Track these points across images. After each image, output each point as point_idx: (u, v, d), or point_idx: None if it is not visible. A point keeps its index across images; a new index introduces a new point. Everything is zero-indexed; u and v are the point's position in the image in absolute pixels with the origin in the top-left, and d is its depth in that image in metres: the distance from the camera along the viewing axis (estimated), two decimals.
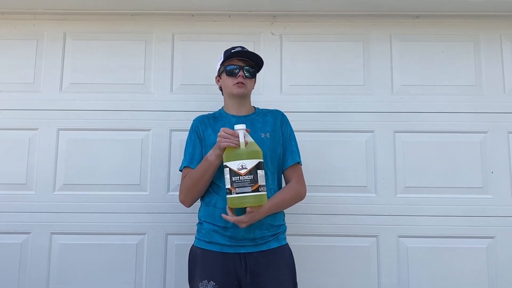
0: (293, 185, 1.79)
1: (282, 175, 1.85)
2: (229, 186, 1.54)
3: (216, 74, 1.89)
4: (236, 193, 1.52)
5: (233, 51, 1.78)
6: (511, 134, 2.32)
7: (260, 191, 1.53)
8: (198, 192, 1.74)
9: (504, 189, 2.28)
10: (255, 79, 1.87)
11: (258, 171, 1.53)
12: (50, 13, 2.40)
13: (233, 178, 1.52)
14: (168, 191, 2.29)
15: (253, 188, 1.52)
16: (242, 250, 1.68)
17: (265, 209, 1.64)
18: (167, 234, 2.26)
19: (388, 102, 2.36)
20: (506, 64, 2.38)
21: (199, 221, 1.80)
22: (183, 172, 1.80)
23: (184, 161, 1.80)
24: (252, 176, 1.51)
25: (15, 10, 2.39)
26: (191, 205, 1.79)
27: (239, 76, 1.77)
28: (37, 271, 2.23)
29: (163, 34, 2.42)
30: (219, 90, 1.93)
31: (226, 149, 1.57)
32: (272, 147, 1.77)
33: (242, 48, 1.82)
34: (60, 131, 2.33)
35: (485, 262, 2.23)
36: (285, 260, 1.73)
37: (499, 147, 2.31)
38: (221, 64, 1.82)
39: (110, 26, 2.42)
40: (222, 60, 1.82)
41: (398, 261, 2.25)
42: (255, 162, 1.53)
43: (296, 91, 2.38)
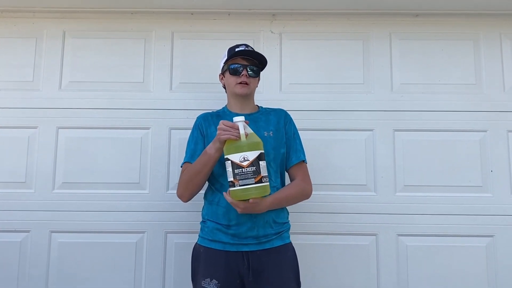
0: (298, 182, 1.79)
1: (285, 174, 1.85)
2: (232, 179, 1.53)
3: (220, 72, 1.89)
4: (240, 186, 1.51)
5: (237, 50, 1.78)
6: (510, 132, 2.32)
7: (263, 182, 1.53)
8: (197, 186, 1.73)
9: (503, 188, 2.28)
10: (259, 78, 1.87)
11: (260, 162, 1.53)
12: (49, 11, 2.40)
13: (236, 170, 1.51)
14: (167, 189, 2.29)
15: (256, 180, 1.51)
16: (245, 249, 1.67)
17: (267, 203, 1.63)
18: (167, 232, 2.26)
19: (388, 100, 2.36)
20: (506, 63, 2.38)
21: (203, 220, 1.80)
22: (183, 167, 1.80)
23: (185, 157, 1.80)
24: (254, 167, 1.51)
25: (14, 8, 2.39)
26: (189, 200, 1.77)
27: (242, 75, 1.77)
28: (37, 269, 2.23)
29: (163, 33, 2.42)
30: (221, 88, 1.93)
31: (226, 142, 1.56)
32: (275, 145, 1.77)
33: (246, 46, 1.82)
34: (60, 130, 2.33)
35: (485, 261, 2.24)
36: (289, 259, 1.73)
37: (498, 145, 2.31)
38: (225, 63, 1.82)
39: (110, 24, 2.42)
40: (225, 58, 1.82)
41: (398, 260, 2.25)
42: (256, 153, 1.52)
43: (295, 89, 2.38)
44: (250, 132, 1.58)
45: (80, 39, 2.41)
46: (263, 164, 1.54)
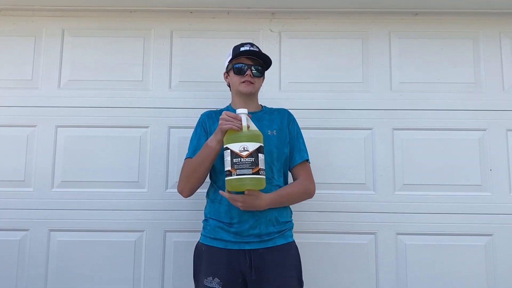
0: (301, 181, 1.80)
1: (288, 174, 1.85)
2: (229, 168, 1.54)
3: (224, 71, 1.89)
4: (237, 175, 1.52)
5: (242, 50, 1.78)
6: (509, 131, 2.32)
7: (260, 175, 1.54)
8: (198, 180, 1.73)
9: (502, 187, 2.28)
10: (264, 77, 1.87)
11: (259, 154, 1.54)
12: (48, 9, 2.40)
13: (234, 159, 1.52)
14: (166, 188, 2.29)
15: (254, 171, 1.52)
16: (247, 247, 1.67)
17: (269, 199, 1.64)
18: (166, 231, 2.26)
19: (387, 99, 2.36)
20: (505, 62, 2.37)
21: (205, 218, 1.80)
22: (184, 162, 1.79)
23: (188, 153, 1.81)
24: (253, 158, 1.52)
25: (13, 7, 2.39)
26: (189, 195, 1.77)
27: (247, 75, 1.77)
28: (36, 268, 2.23)
29: (162, 31, 2.41)
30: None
31: (227, 132, 1.57)
32: (279, 144, 1.78)
33: (251, 45, 1.82)
34: (59, 128, 2.33)
35: (484, 260, 2.23)
36: (291, 258, 1.73)
37: (497, 144, 2.31)
38: (230, 62, 1.83)
39: (109, 23, 2.41)
40: (230, 57, 1.82)
41: (397, 259, 2.25)
42: (256, 145, 1.54)
43: (294, 88, 2.37)
44: (252, 125, 1.59)
45: (79, 38, 2.41)
46: (261, 157, 1.55)
